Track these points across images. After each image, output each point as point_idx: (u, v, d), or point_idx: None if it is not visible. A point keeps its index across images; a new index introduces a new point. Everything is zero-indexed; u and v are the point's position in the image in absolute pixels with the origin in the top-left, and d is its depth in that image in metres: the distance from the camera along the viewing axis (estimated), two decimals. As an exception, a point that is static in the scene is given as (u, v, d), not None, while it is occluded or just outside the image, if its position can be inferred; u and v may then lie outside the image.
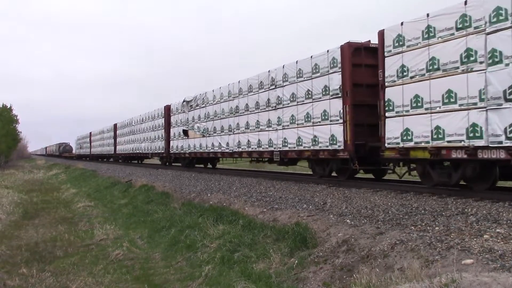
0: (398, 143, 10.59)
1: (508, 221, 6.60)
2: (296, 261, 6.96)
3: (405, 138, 10.41)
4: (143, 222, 13.18)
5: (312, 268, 6.59)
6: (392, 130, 10.74)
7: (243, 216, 10.01)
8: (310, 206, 9.63)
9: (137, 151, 34.89)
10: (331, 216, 8.40)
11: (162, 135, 28.76)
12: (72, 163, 50.97)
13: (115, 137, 43.19)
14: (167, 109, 28.07)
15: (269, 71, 16.18)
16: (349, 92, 12.25)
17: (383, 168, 13.14)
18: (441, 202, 8.80)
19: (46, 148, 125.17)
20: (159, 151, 29.56)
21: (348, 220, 7.87)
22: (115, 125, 44.19)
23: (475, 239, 5.73)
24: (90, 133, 56.56)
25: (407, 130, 10.36)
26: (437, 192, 9.91)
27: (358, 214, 8.35)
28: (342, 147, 12.39)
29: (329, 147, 12.93)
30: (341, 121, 12.47)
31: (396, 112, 10.64)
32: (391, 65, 10.78)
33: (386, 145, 10.95)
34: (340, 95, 12.49)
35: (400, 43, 10.52)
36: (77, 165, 43.98)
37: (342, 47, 12.51)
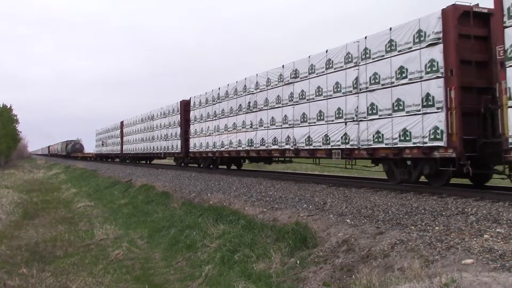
0: None
1: (508, 221, 6.59)
2: (296, 261, 6.96)
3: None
4: (143, 222, 13.18)
5: (312, 268, 6.59)
6: None
7: (243, 216, 10.00)
8: (310, 206, 9.62)
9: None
10: (331, 216, 8.40)
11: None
12: (73, 163, 50.91)
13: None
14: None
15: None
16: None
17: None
18: (441, 202, 8.80)
19: (49, 147, 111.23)
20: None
21: (348, 220, 7.87)
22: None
23: (475, 239, 5.73)
24: (122, 122, 42.19)
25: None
26: (437, 192, 9.89)
27: (358, 214, 8.35)
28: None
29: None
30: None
31: None
32: None
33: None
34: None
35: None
36: (77, 165, 43.95)
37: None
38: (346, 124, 12.34)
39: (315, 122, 13.73)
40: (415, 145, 10.18)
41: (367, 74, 11.58)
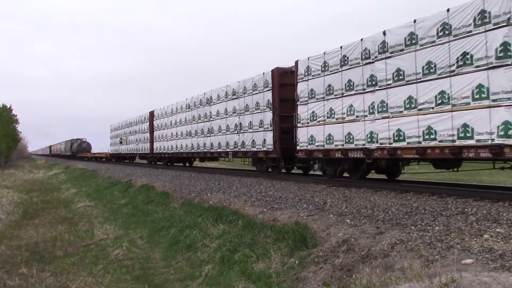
0: None
1: (508, 221, 6.60)
2: (296, 261, 6.96)
3: None
4: (143, 222, 13.19)
5: (312, 268, 6.59)
6: None
7: (243, 216, 10.00)
8: (310, 206, 9.63)
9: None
10: (331, 216, 8.40)
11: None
12: (72, 163, 50.91)
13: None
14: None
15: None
16: None
17: None
18: (441, 202, 8.80)
19: (50, 147, 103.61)
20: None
21: (348, 220, 7.87)
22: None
23: (475, 239, 5.73)
24: (152, 112, 33.09)
25: None
26: (437, 192, 9.89)
27: (358, 213, 8.35)
28: None
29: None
30: None
31: None
32: None
33: None
34: None
35: None
36: (77, 165, 43.95)
37: None
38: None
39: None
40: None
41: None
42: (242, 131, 18.97)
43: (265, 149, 17.11)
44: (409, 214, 7.81)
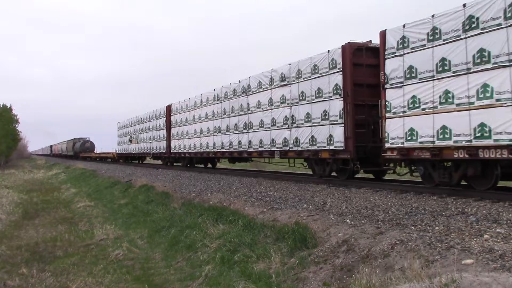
0: None
1: (508, 221, 6.60)
2: (296, 261, 6.96)
3: None
4: (143, 222, 13.19)
5: (312, 268, 6.59)
6: None
7: (243, 216, 10.01)
8: (310, 206, 9.63)
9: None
10: (331, 216, 8.40)
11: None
12: (72, 163, 50.91)
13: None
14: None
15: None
16: None
17: None
18: (441, 202, 8.80)
19: (51, 146, 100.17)
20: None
21: (348, 220, 7.87)
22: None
23: (475, 239, 5.73)
24: (169, 107, 28.84)
25: None
26: (437, 192, 9.89)
27: (358, 214, 8.35)
28: None
29: None
30: None
31: None
32: None
33: None
34: None
35: None
36: (77, 165, 43.96)
37: None
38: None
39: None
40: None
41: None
42: (295, 125, 15.04)
43: (331, 147, 13.18)
44: (409, 214, 7.81)
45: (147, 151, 33.06)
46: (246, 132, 18.51)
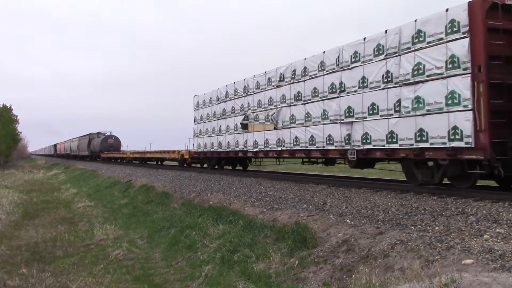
0: None
1: (508, 221, 6.60)
2: (296, 261, 6.96)
3: None
4: (143, 222, 13.19)
5: (312, 268, 6.59)
6: None
7: (243, 216, 10.01)
8: (310, 206, 9.63)
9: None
10: (331, 216, 8.40)
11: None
12: (72, 163, 50.82)
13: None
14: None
15: None
16: None
17: None
18: (441, 202, 8.80)
19: (55, 145, 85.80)
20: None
21: (348, 220, 7.88)
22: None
23: (475, 239, 5.73)
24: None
25: None
26: (437, 192, 9.88)
27: (358, 214, 8.35)
28: None
29: None
30: None
31: None
32: None
33: None
34: None
35: None
36: (77, 165, 43.94)
37: None
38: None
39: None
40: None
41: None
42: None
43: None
44: (409, 215, 7.81)
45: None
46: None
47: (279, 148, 15.82)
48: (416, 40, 10.25)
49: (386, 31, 11.15)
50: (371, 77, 11.51)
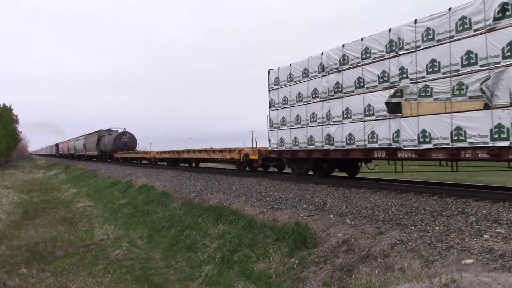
0: None
1: (508, 221, 6.60)
2: (296, 261, 6.96)
3: None
4: (143, 222, 13.19)
5: (312, 268, 6.59)
6: None
7: (243, 216, 10.01)
8: (310, 206, 9.63)
9: None
10: (331, 216, 8.40)
11: None
12: (72, 163, 50.80)
13: None
14: None
15: None
16: None
17: None
18: (441, 202, 8.80)
19: (57, 145, 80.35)
20: None
21: (348, 220, 7.87)
22: None
23: (475, 239, 5.73)
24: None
25: None
26: (437, 192, 9.89)
27: (358, 214, 8.35)
28: None
29: None
30: None
31: None
32: None
33: None
34: None
35: None
36: (77, 165, 43.93)
37: None
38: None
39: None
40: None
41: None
42: None
43: None
44: (409, 214, 7.81)
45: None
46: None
47: (499, 144, 8.39)
48: None
49: None
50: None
